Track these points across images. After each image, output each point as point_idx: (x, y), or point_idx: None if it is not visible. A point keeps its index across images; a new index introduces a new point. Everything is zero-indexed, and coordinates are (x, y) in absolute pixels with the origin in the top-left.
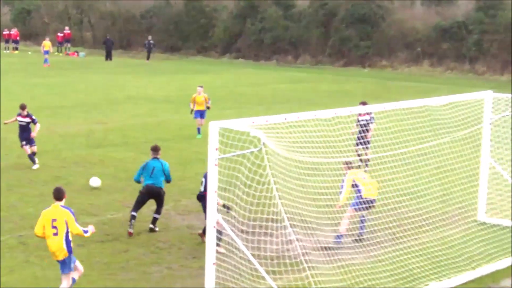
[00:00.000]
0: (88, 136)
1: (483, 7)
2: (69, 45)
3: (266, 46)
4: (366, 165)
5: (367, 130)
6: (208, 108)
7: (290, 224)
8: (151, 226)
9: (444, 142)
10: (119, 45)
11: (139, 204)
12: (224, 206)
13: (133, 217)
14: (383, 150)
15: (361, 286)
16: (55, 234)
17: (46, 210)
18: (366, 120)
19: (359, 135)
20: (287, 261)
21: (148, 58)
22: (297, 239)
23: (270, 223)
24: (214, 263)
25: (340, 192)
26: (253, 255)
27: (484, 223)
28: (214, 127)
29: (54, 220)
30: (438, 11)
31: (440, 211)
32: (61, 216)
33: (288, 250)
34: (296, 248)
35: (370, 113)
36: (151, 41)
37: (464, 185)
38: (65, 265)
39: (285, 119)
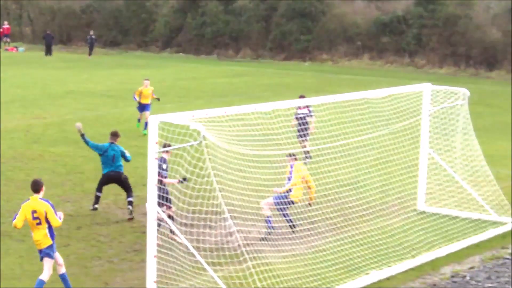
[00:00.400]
0: (27, 131)
1: (423, 1)
2: (8, 40)
3: (207, 41)
4: (308, 157)
5: (306, 123)
6: (158, 99)
7: (230, 216)
8: (129, 207)
9: (383, 134)
10: (59, 40)
11: (101, 185)
12: (180, 181)
13: (98, 197)
14: (323, 142)
15: (303, 275)
16: (39, 223)
17: (26, 203)
18: (305, 114)
19: (299, 127)
20: (227, 252)
21: (90, 53)
22: (238, 231)
23: (210, 215)
24: (155, 256)
25: (287, 182)
26: (194, 247)
27: (424, 212)
28: (153, 121)
29: (34, 211)
30: (378, 5)
31: (380, 201)
32: (41, 208)
33: (228, 242)
34: (237, 239)
35: (309, 106)
36: (93, 36)
37: (403, 176)
38: (47, 253)
39: (225, 112)
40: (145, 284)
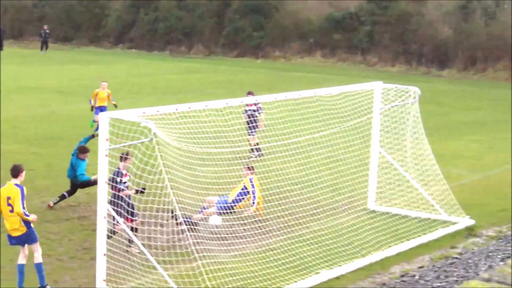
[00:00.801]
0: None
1: None
2: None
3: (159, 36)
4: (260, 154)
5: (255, 121)
6: (115, 106)
7: (181, 214)
8: (58, 198)
9: (335, 132)
10: (10, 35)
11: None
12: (137, 192)
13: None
14: (275, 139)
15: (253, 275)
16: (11, 211)
17: (2, 188)
18: (253, 110)
19: (249, 125)
20: (178, 251)
21: (44, 48)
22: (189, 229)
23: (161, 213)
24: (105, 254)
25: (253, 201)
26: (144, 245)
27: (374, 211)
28: (104, 118)
29: (8, 198)
30: (331, 2)
31: (330, 199)
32: (13, 194)
33: (179, 240)
34: (188, 238)
35: (258, 103)
36: (47, 31)
37: (354, 174)
38: (27, 238)
39: (176, 109)
40: (95, 283)
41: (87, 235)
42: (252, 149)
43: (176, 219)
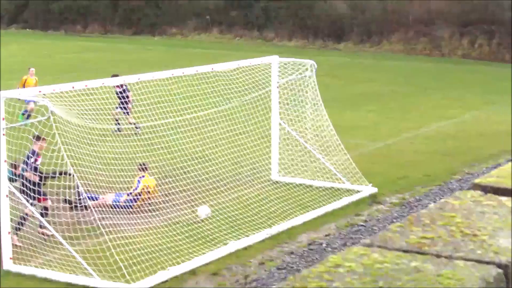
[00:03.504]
0: None
1: None
2: None
3: (54, 16)
4: (138, 128)
5: (127, 101)
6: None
7: (85, 190)
8: None
9: (234, 106)
10: None
11: None
12: (61, 173)
13: None
14: (175, 115)
15: (160, 248)
16: None
17: None
18: (121, 92)
19: (122, 106)
20: (84, 226)
21: None
22: (93, 205)
23: (63, 190)
24: (9, 233)
25: (135, 188)
26: (48, 222)
27: (278, 182)
28: None
29: None
30: None
31: (234, 172)
32: None
33: (84, 215)
34: (93, 213)
35: (124, 84)
36: None
37: (256, 147)
38: None
39: (73, 87)
40: (1, 262)
41: None
42: (135, 127)
43: (79, 195)
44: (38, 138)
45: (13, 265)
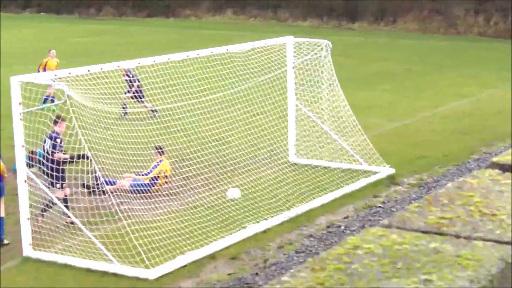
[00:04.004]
0: None
1: None
2: None
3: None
4: (155, 113)
5: (139, 87)
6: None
7: (102, 174)
8: None
9: (250, 86)
10: None
11: None
12: (79, 157)
13: None
14: (190, 97)
15: (179, 232)
16: None
17: None
18: (130, 81)
19: (133, 94)
20: (102, 211)
21: None
22: (111, 189)
23: (81, 174)
24: (28, 218)
25: (148, 173)
26: (67, 207)
27: (295, 164)
28: (15, 82)
29: None
30: None
31: (251, 154)
32: None
33: (102, 201)
34: (111, 198)
35: (128, 72)
36: None
37: (273, 128)
38: None
39: (88, 70)
40: (21, 247)
41: (10, 199)
42: (152, 110)
43: (96, 180)
44: (59, 118)
45: (33, 251)
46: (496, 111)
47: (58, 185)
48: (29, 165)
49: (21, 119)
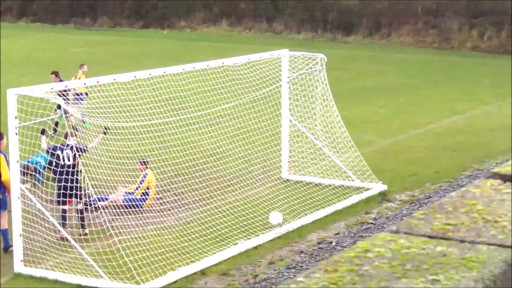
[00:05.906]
0: None
1: None
2: None
3: (63, 9)
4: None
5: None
6: (86, 94)
7: (95, 191)
8: None
9: (244, 102)
10: None
11: None
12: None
13: None
14: (186, 112)
15: (171, 248)
16: None
17: None
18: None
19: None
20: (94, 228)
21: None
22: (103, 206)
23: (74, 191)
24: (20, 235)
25: (137, 188)
26: (59, 224)
27: (288, 180)
28: (11, 95)
29: None
30: None
31: (244, 170)
32: None
33: (94, 217)
34: (102, 214)
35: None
36: None
37: (267, 144)
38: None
39: (85, 84)
40: (12, 263)
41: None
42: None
43: (89, 197)
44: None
45: (24, 267)
46: (488, 128)
47: (77, 198)
48: (24, 181)
49: (16, 133)
